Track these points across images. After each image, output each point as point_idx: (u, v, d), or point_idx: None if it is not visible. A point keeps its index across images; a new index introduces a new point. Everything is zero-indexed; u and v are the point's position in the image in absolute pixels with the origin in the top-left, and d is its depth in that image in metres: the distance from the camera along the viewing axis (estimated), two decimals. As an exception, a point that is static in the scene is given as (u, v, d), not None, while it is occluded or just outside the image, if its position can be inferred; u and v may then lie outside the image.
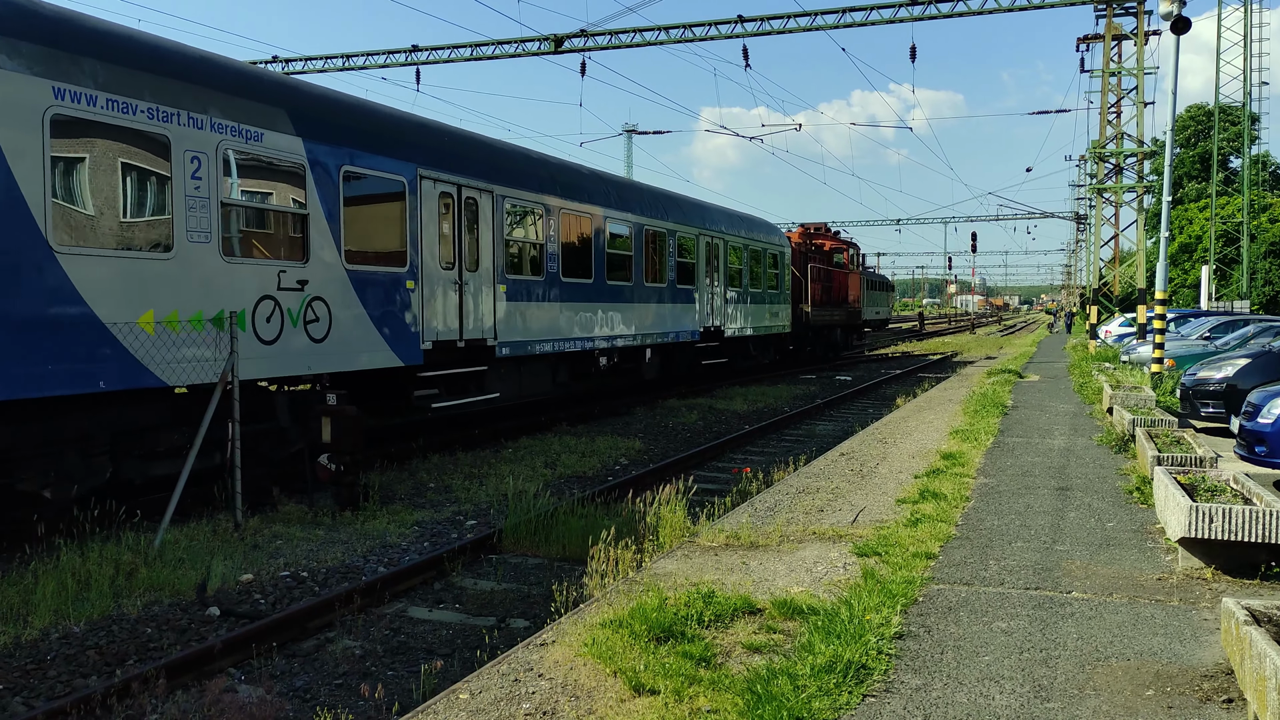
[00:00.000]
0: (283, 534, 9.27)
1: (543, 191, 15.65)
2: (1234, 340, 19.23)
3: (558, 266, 16.04)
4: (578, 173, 17.65)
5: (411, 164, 12.45)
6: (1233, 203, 50.51)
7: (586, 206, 17.15)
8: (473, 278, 13.68)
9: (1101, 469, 10.27)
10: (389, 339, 11.97)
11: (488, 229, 14.06)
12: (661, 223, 20.30)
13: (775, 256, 27.99)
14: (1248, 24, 43.15)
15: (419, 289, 12.52)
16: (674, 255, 20.84)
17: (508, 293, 14.59)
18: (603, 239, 17.69)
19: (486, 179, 14.08)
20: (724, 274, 23.72)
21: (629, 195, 19.30)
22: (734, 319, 24.47)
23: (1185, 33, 17.72)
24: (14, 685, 5.87)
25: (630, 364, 19.45)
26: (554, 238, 15.90)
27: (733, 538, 7.34)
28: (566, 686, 4.60)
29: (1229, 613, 4.44)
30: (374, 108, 12.83)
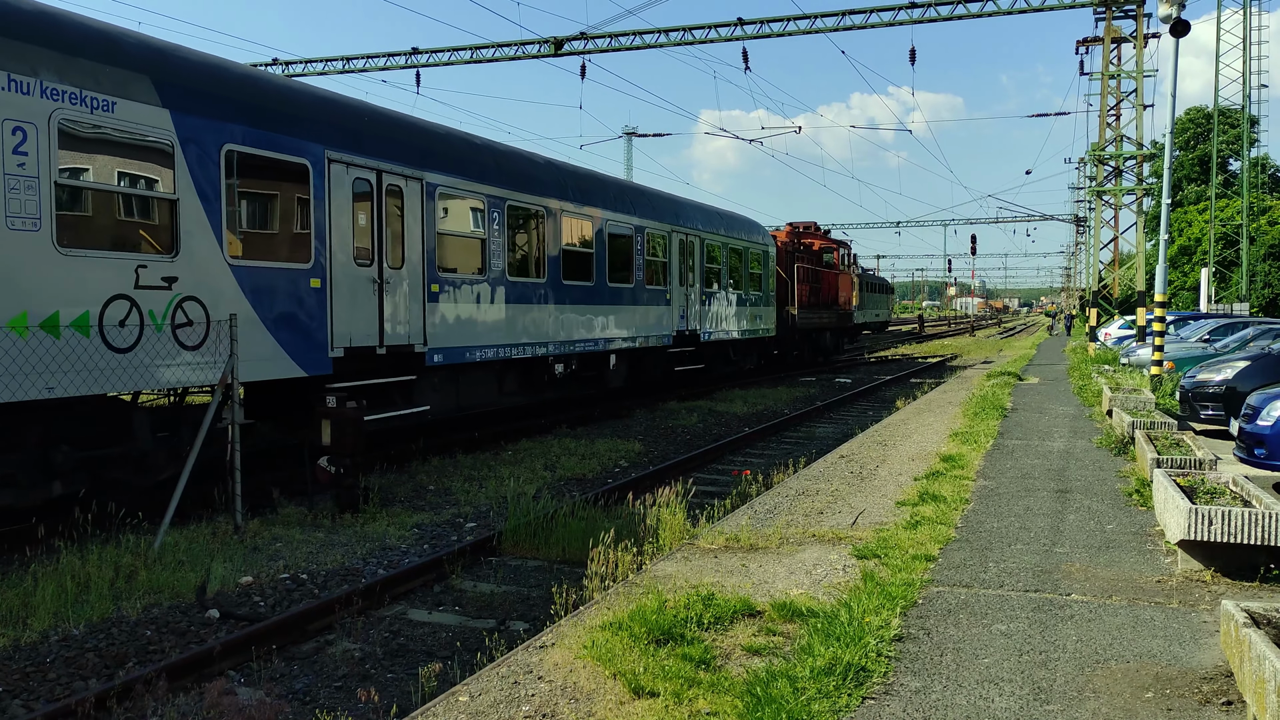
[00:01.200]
0: (282, 536, 9.27)
1: (485, 181, 14.19)
2: (1233, 343, 19.24)
3: (503, 264, 14.57)
4: (529, 161, 16.19)
5: (317, 144, 10.98)
6: (1232, 205, 50.53)
7: (538, 199, 15.67)
8: (396, 276, 12.23)
9: (1101, 471, 10.27)
10: (288, 346, 10.52)
11: (415, 221, 12.58)
12: (628, 218, 18.88)
13: (758, 256, 26.68)
14: (1247, 26, 43.22)
15: (327, 288, 11.04)
16: (642, 253, 19.41)
17: (441, 293, 13.12)
18: (558, 235, 16.18)
19: (414, 164, 12.62)
20: (700, 274, 22.42)
21: (590, 187, 17.81)
22: (712, 322, 23.16)
23: (1184, 35, 17.74)
24: (14, 688, 5.87)
25: (592, 371, 18.11)
26: (499, 232, 14.46)
27: (732, 540, 7.34)
28: (566, 689, 4.60)
29: (1228, 615, 4.44)
30: (269, 78, 11.32)
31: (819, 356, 34.74)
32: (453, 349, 13.40)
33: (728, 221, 25.04)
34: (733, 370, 26.11)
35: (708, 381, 24.30)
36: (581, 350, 16.99)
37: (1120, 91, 36.66)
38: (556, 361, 16.44)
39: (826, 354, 35.67)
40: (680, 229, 21.36)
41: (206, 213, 9.59)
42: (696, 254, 22.26)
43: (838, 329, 36.59)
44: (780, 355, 30.57)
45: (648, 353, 20.09)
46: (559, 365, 16.56)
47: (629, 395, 21.21)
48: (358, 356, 11.64)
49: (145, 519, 9.04)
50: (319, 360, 10.99)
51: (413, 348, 12.55)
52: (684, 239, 21.55)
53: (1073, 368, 25.38)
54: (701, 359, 23.06)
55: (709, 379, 24.40)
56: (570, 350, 16.60)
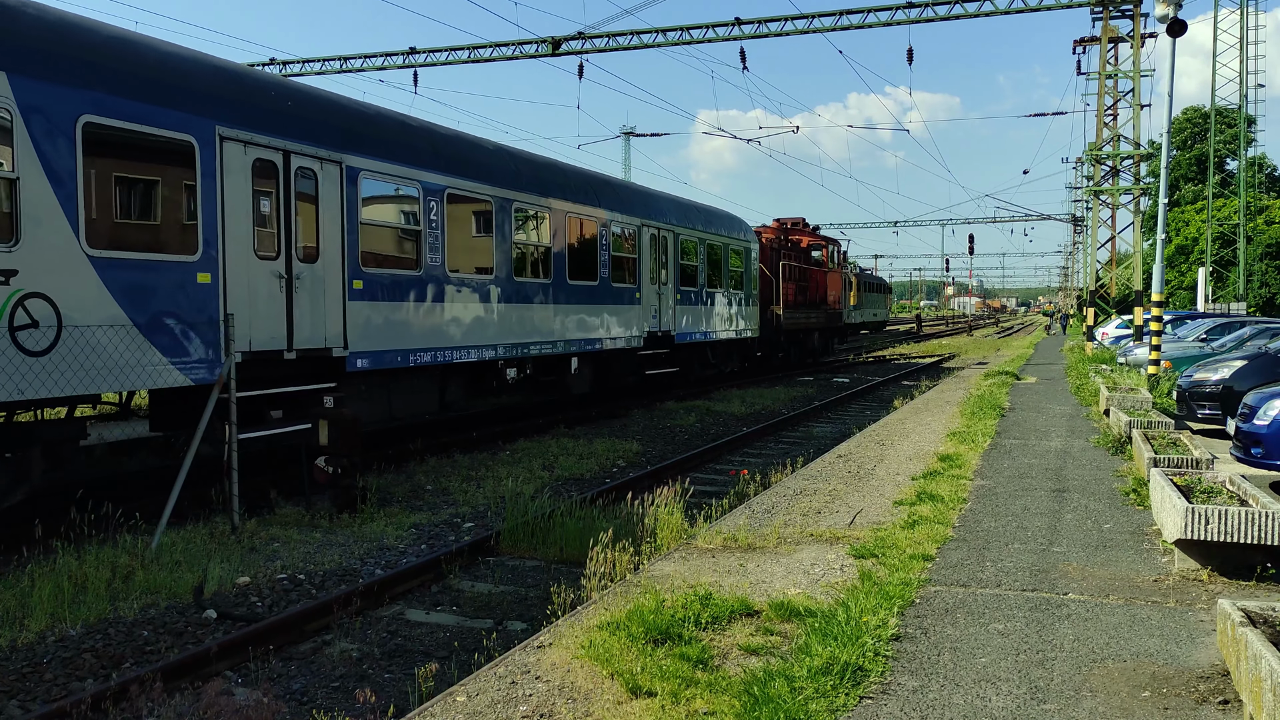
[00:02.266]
0: (280, 536, 9.27)
1: (420, 166, 12.85)
2: (1230, 342, 19.27)
3: (442, 259, 13.20)
4: (476, 147, 14.87)
5: (206, 119, 9.61)
6: (1229, 205, 50.61)
7: (484, 187, 14.31)
8: (309, 271, 10.89)
9: (1098, 471, 10.28)
10: (169, 350, 9.17)
11: (334, 210, 11.27)
12: (590, 209, 17.44)
13: (739, 253, 25.43)
14: (1243, 26, 43.28)
15: (219, 284, 9.72)
16: (608, 248, 18.02)
17: (366, 290, 11.79)
18: (508, 227, 14.86)
19: (332, 146, 11.32)
20: (675, 271, 21.13)
21: (546, 176, 16.40)
22: (687, 323, 21.88)
23: (1181, 35, 17.77)
24: (10, 689, 5.86)
25: (551, 376, 17.02)
26: (437, 223, 13.08)
27: (730, 540, 7.34)
28: (564, 689, 4.60)
29: (1225, 614, 4.45)
30: (146, 41, 9.71)
31: (807, 358, 33.63)
32: (381, 353, 12.10)
33: (705, 216, 23.88)
34: (713, 374, 24.92)
35: (685, 385, 23.31)
36: (537, 353, 15.68)
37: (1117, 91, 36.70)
38: (508, 365, 15.20)
39: (815, 356, 34.54)
40: (651, 223, 20.07)
41: (58, 196, 8.24)
42: (670, 250, 21.00)
43: (827, 329, 35.43)
44: (764, 358, 29.40)
45: (615, 355, 18.89)
46: (511, 370, 15.38)
47: (595, 401, 20.13)
48: (261, 362, 10.40)
49: (142, 519, 9.03)
50: (209, 366, 9.61)
51: (330, 352, 11.26)
52: (656, 234, 20.26)
53: (1070, 367, 25.41)
54: (676, 362, 21.90)
55: (685, 383, 23.37)
56: (524, 353, 15.26)
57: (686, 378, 23.10)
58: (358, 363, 11.70)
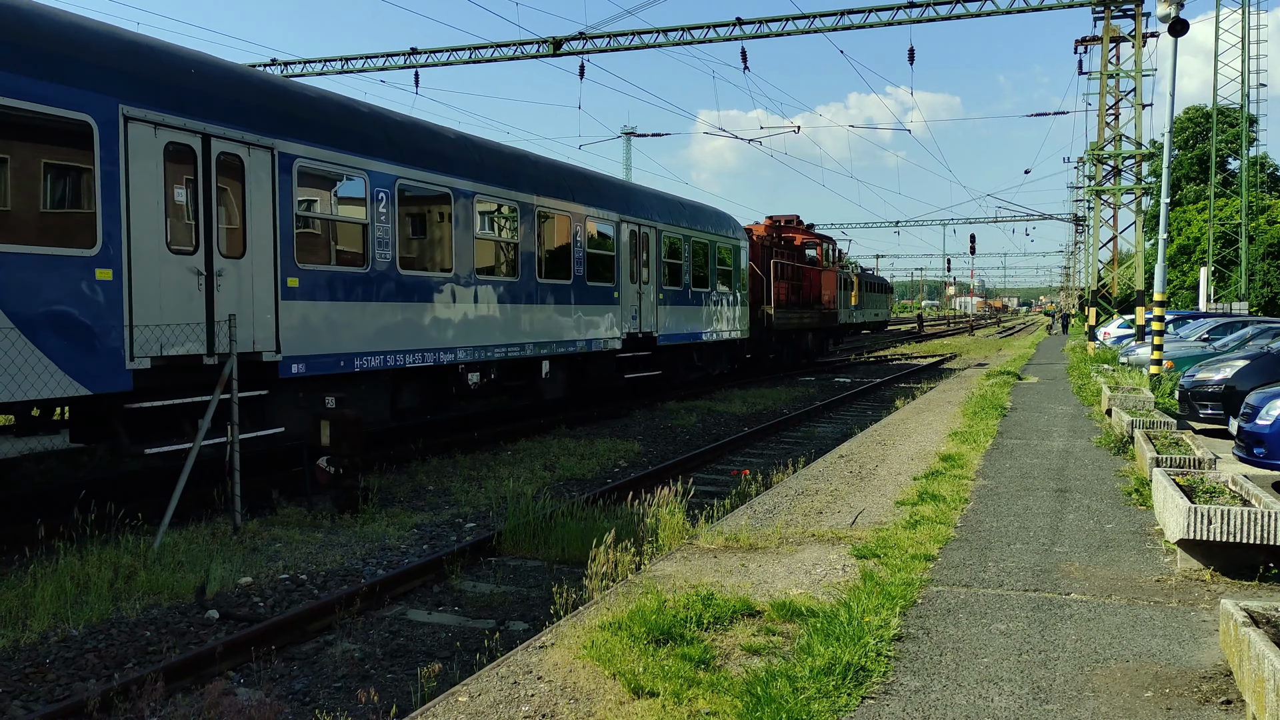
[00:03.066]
0: (282, 537, 9.27)
1: (367, 154, 11.88)
2: (1232, 342, 19.25)
3: (392, 255, 12.21)
4: (432, 135, 13.78)
5: (106, 96, 8.63)
6: (1231, 204, 50.57)
7: (443, 178, 13.29)
8: (234, 268, 9.95)
9: (1100, 471, 10.27)
10: (60, 355, 8.25)
11: (264, 200, 10.31)
12: (562, 204, 16.38)
13: (728, 251, 24.39)
14: (1245, 26, 43.25)
15: (122, 282, 8.73)
16: (583, 245, 17.01)
17: (303, 289, 10.79)
18: (469, 221, 13.82)
19: (263, 130, 10.34)
20: (657, 270, 20.07)
21: (513, 168, 15.34)
22: (671, 323, 20.87)
23: (1183, 35, 17.75)
24: (13, 689, 5.87)
25: (520, 380, 15.91)
26: (387, 216, 12.08)
27: (732, 540, 7.34)
28: (566, 689, 4.60)
29: (1227, 614, 4.45)
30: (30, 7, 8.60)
31: (801, 359, 32.73)
32: (320, 357, 11.07)
33: (691, 212, 22.78)
34: (699, 376, 23.90)
35: (670, 389, 22.42)
36: (503, 356, 14.67)
37: (1119, 91, 36.68)
38: (470, 370, 14.16)
39: (810, 357, 33.64)
40: (631, 219, 18.99)
41: None
42: (652, 247, 19.94)
43: (822, 330, 34.43)
44: (754, 359, 28.32)
45: (591, 358, 17.81)
46: (473, 374, 14.26)
47: (569, 406, 19.30)
48: (177, 368, 9.48)
49: (144, 520, 9.04)
50: (112, 373, 8.67)
51: (260, 356, 10.27)
52: (636, 230, 19.18)
53: (1072, 367, 25.39)
54: (659, 365, 20.88)
55: (670, 386, 22.44)
56: (488, 356, 14.26)
57: (670, 380, 22.19)
58: (292, 368, 10.67)
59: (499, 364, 14.84)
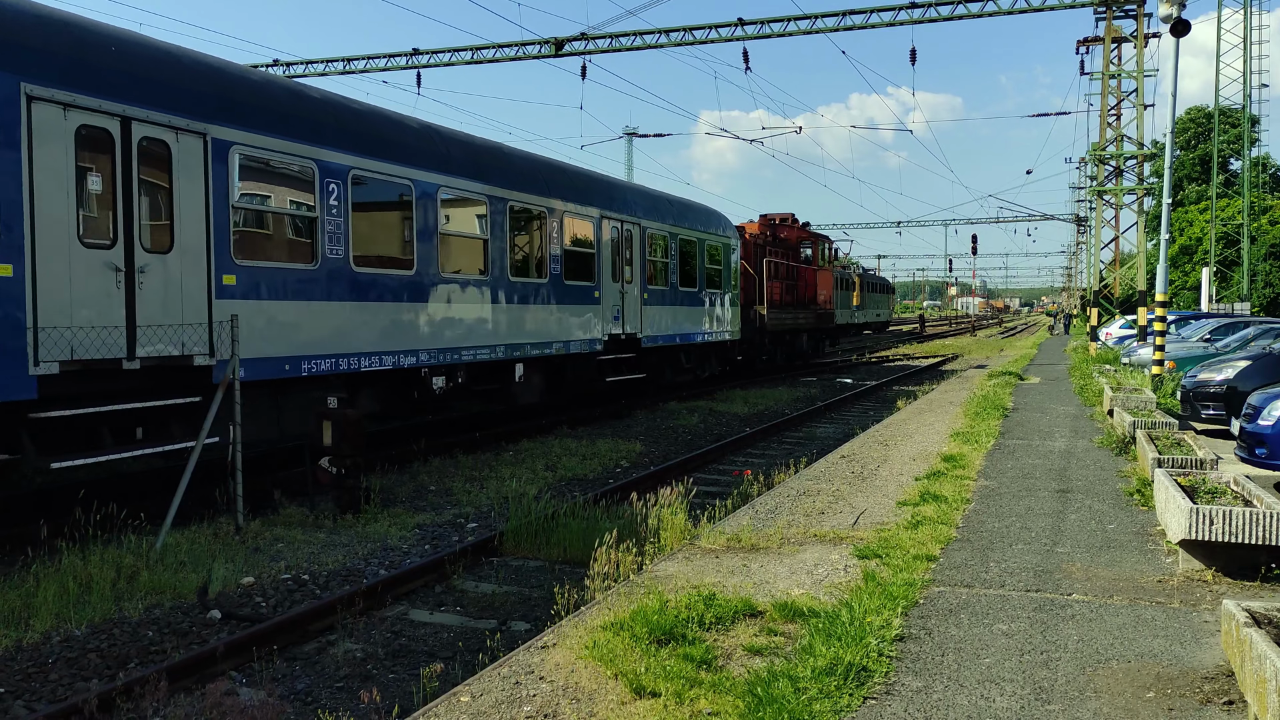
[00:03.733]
0: (284, 537, 9.28)
1: (318, 142, 11.07)
2: (1234, 342, 19.24)
3: (344, 251, 11.38)
4: (392, 123, 12.98)
5: (5, 73, 7.88)
6: (1233, 205, 50.54)
7: (403, 169, 12.49)
8: (160, 263, 9.09)
9: (1102, 471, 10.27)
10: None
11: (196, 190, 9.48)
12: (537, 199, 15.56)
13: (717, 249, 23.52)
14: (1247, 26, 43.22)
15: (24, 278, 7.96)
16: (559, 242, 16.12)
17: (241, 286, 9.99)
18: (434, 216, 13.04)
19: (195, 114, 9.51)
20: (641, 268, 19.22)
21: (485, 161, 14.58)
22: (657, 324, 20.04)
23: (1185, 35, 17.75)
24: (16, 689, 5.88)
25: (492, 384, 14.99)
26: (339, 210, 11.24)
27: (734, 540, 7.34)
28: (567, 689, 4.60)
29: (1229, 615, 4.45)
30: None
31: (796, 360, 31.98)
32: (262, 361, 10.24)
33: (678, 209, 21.92)
34: (687, 379, 23.03)
35: (655, 392, 21.57)
36: (472, 359, 13.85)
37: (1121, 91, 36.67)
38: (435, 374, 13.23)
39: (805, 358, 32.88)
40: (614, 215, 18.17)
41: None
42: (636, 245, 19.10)
43: (816, 330, 33.65)
44: (746, 361, 27.46)
45: (570, 361, 16.93)
46: (438, 378, 13.32)
47: (546, 411, 18.45)
48: (93, 374, 8.69)
49: (147, 520, 9.05)
50: (11, 380, 7.88)
51: (191, 360, 9.45)
52: (618, 227, 18.34)
53: (1074, 367, 25.39)
54: (643, 367, 19.92)
55: (656, 389, 21.61)
56: (455, 359, 13.44)
57: (657, 383, 21.31)
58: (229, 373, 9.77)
59: (467, 367, 13.97)
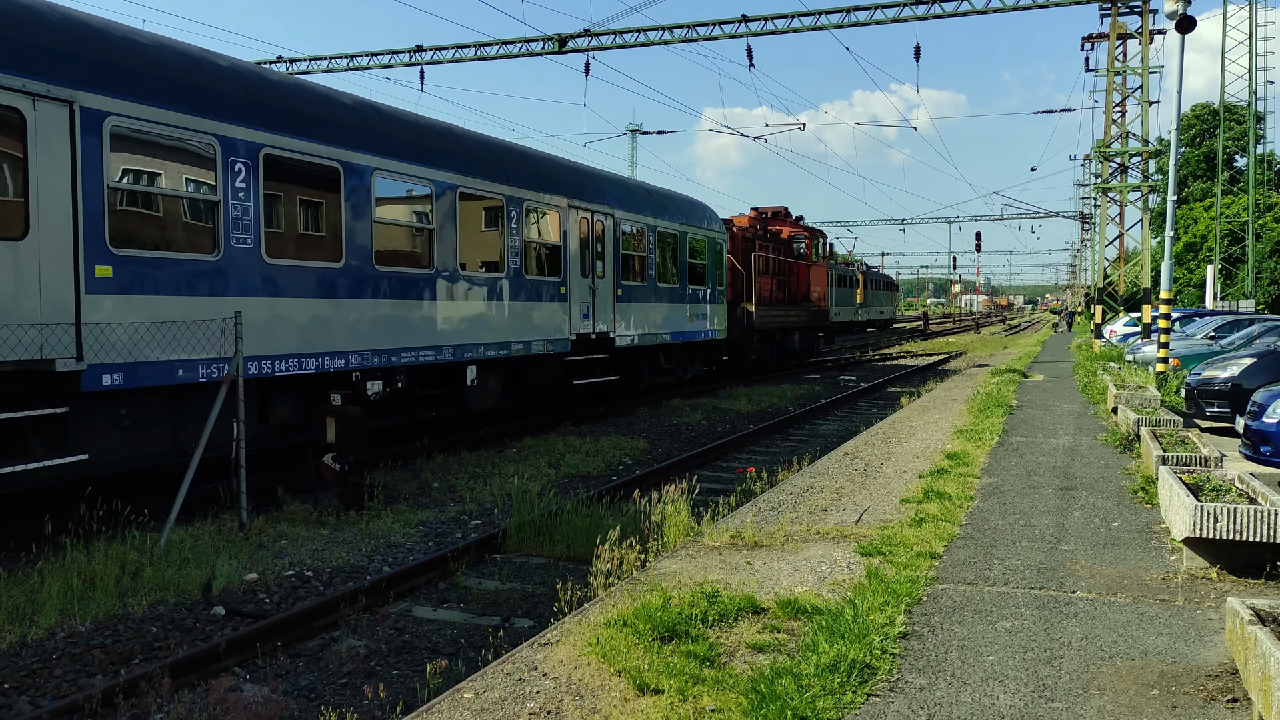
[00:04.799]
0: (287, 533, 9.29)
1: (218, 116, 9.69)
2: (1239, 340, 19.20)
3: (255, 240, 10.09)
4: (314, 96, 11.55)
5: None
6: (1238, 202, 50.43)
7: (330, 150, 11.14)
8: (10, 251, 7.84)
9: (1106, 469, 10.25)
10: None
11: (60, 167, 8.22)
12: (494, 185, 14.23)
13: (701, 244, 22.31)
14: (1253, 22, 43.09)
15: None
16: (519, 234, 14.82)
17: (119, 279, 8.73)
18: (366, 202, 11.65)
19: (59, 78, 8.23)
20: (615, 263, 18.00)
21: (430, 142, 13.19)
22: (632, 323, 18.80)
23: (1190, 31, 17.69)
24: (20, 684, 5.89)
25: (440, 388, 13.61)
26: (247, 193, 9.98)
27: (737, 537, 7.34)
28: (571, 686, 4.60)
29: (1234, 612, 4.44)
30: None
31: (789, 360, 30.90)
32: (145, 365, 8.93)
33: (658, 200, 20.69)
34: (668, 381, 21.73)
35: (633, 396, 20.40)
36: (413, 361, 12.51)
37: (1125, 88, 36.58)
38: (370, 378, 11.92)
39: (798, 357, 31.80)
40: (583, 205, 16.82)
41: None
42: (609, 238, 17.83)
43: (809, 328, 32.42)
44: (733, 361, 26.27)
45: (532, 362, 15.62)
46: (374, 383, 12.00)
47: (506, 416, 17.31)
48: None
49: (151, 516, 9.06)
50: None
51: (53, 364, 8.15)
52: (589, 218, 17.05)
53: (1078, 365, 25.35)
54: (616, 368, 18.73)
55: (633, 393, 20.39)
56: (394, 361, 12.12)
57: (633, 386, 20.05)
58: (103, 379, 8.53)
59: (409, 370, 12.68)
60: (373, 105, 12.78)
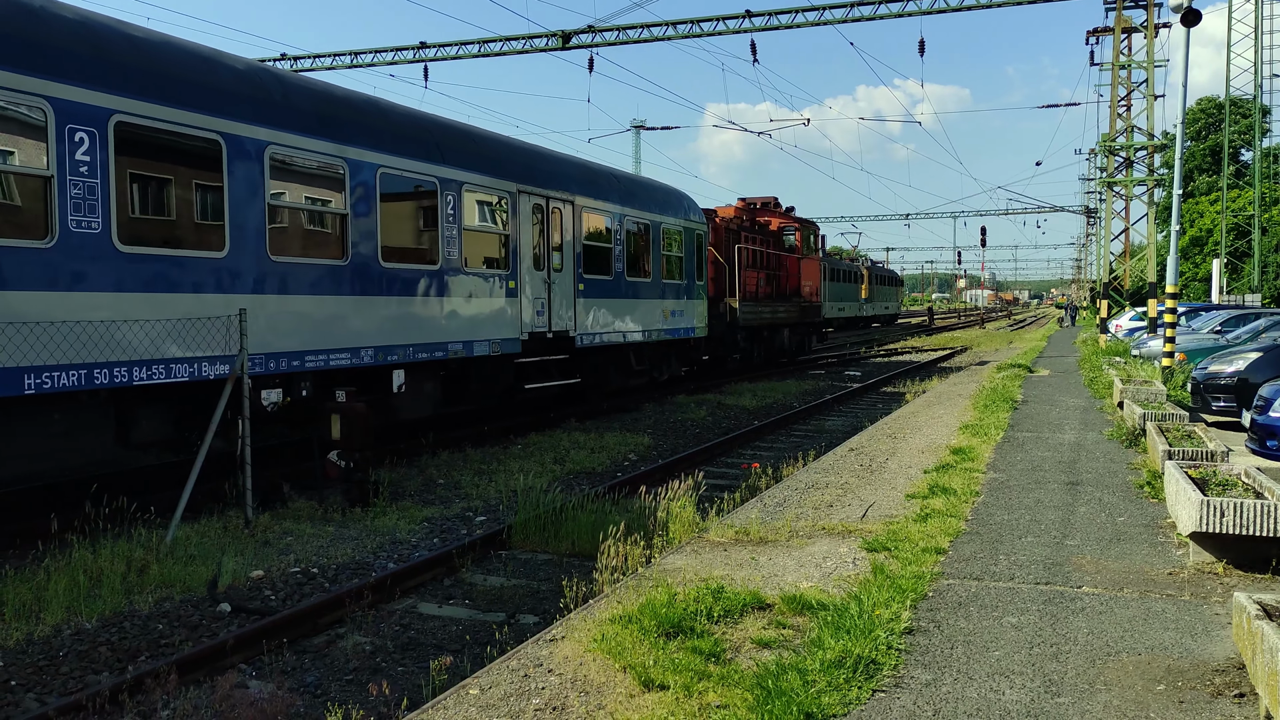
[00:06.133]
0: (293, 530, 9.30)
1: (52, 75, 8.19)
2: (1245, 334, 19.16)
3: (104, 225, 8.54)
4: (188, 57, 9.87)
5: None
6: (1244, 196, 50.29)
7: (208, 120, 9.55)
8: None
9: (1112, 463, 10.23)
10: None
11: None
12: (423, 166, 12.58)
13: (676, 235, 20.66)
14: (1258, 16, 42.94)
15: None
16: (456, 221, 13.12)
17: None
18: (258, 184, 10.09)
19: None
20: (575, 254, 16.32)
21: (340, 114, 11.47)
22: (596, 320, 17.07)
23: (1195, 25, 17.64)
24: (27, 681, 5.90)
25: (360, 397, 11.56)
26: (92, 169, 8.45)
27: (742, 533, 7.34)
28: (576, 682, 4.60)
29: (1240, 607, 4.43)
30: None
31: (779, 358, 29.32)
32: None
33: (627, 187, 18.94)
34: (640, 383, 19.99)
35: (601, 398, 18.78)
36: (323, 366, 10.85)
37: (1130, 82, 36.48)
38: (265, 386, 10.31)
39: (789, 355, 30.13)
40: (536, 190, 15.16)
41: None
42: (568, 227, 16.17)
43: (801, 325, 30.63)
44: (715, 360, 24.74)
45: (475, 365, 13.93)
46: (272, 392, 10.41)
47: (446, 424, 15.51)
48: None
49: (157, 513, 9.08)
50: None
51: None
52: (542, 205, 15.39)
53: (1083, 360, 25.31)
54: (577, 370, 16.97)
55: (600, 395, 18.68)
56: (295, 367, 10.49)
57: (599, 389, 18.42)
58: None
59: (317, 376, 11.04)
60: (270, 71, 11.17)
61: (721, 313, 24.13)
